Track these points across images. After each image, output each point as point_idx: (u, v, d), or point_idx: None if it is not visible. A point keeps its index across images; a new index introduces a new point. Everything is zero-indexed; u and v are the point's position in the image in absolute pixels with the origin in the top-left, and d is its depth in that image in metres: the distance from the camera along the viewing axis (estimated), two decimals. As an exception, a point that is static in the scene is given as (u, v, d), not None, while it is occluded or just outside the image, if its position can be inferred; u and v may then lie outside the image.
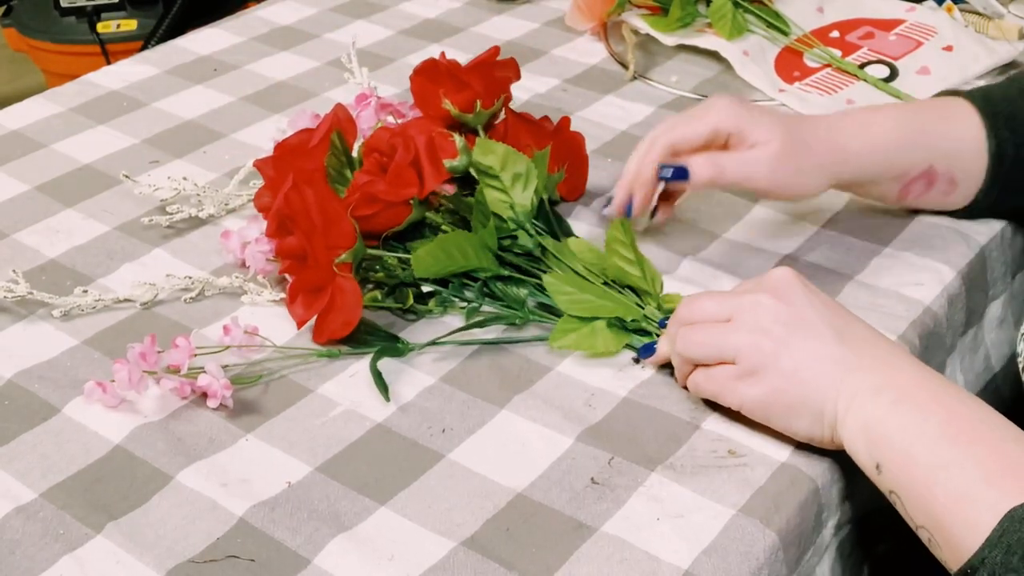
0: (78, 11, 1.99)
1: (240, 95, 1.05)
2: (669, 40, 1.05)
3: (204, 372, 0.68)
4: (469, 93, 0.81)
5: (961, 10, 1.06)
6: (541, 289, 0.73)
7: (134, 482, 0.64)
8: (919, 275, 0.76)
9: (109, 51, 1.97)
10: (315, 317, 0.72)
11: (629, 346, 0.71)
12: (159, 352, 0.69)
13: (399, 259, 0.76)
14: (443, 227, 0.78)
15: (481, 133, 0.80)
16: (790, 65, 1.02)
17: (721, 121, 0.74)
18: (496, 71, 0.83)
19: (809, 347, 0.61)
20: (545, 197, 0.77)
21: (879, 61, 1.00)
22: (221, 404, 0.68)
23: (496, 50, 0.83)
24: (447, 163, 0.77)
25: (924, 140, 0.76)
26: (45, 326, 0.76)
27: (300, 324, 0.73)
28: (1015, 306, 0.83)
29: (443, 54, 0.83)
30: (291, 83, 1.07)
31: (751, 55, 1.02)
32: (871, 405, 0.59)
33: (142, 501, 0.63)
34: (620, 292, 0.72)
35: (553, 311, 0.73)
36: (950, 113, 0.78)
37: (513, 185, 0.76)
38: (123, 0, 2.00)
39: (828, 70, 1.01)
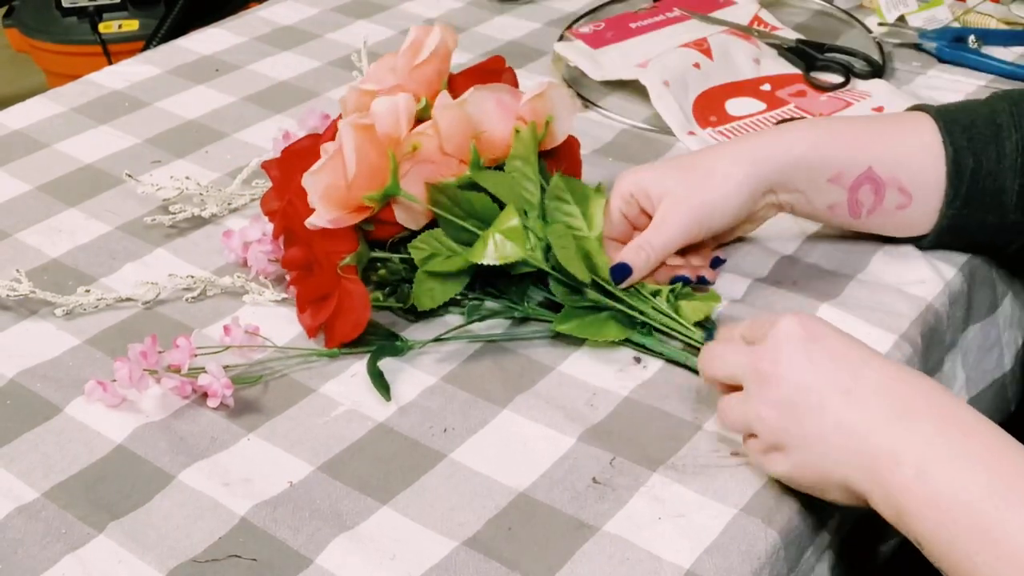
0: (80, 11, 1.99)
1: (242, 95, 1.05)
2: (596, 75, 1.02)
3: (205, 372, 0.68)
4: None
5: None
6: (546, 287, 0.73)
7: (136, 482, 0.64)
8: (921, 273, 0.76)
9: (111, 51, 1.96)
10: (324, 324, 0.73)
11: (629, 342, 0.71)
12: (160, 352, 0.69)
13: (402, 259, 0.75)
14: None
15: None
16: (710, 108, 0.97)
17: (623, 189, 0.74)
18: (497, 78, 0.81)
19: (815, 422, 0.56)
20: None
21: (801, 119, 0.92)
22: (222, 403, 0.68)
23: (500, 60, 0.82)
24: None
25: (857, 141, 0.73)
26: (47, 326, 0.76)
27: (312, 334, 0.73)
28: (1021, 302, 0.83)
29: None
30: (293, 83, 1.07)
31: (671, 85, 0.97)
32: (894, 479, 0.53)
33: (144, 501, 0.63)
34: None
35: (555, 307, 0.73)
36: (898, 120, 0.75)
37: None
38: (125, 0, 2.00)
39: (747, 121, 0.96)
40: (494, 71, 0.81)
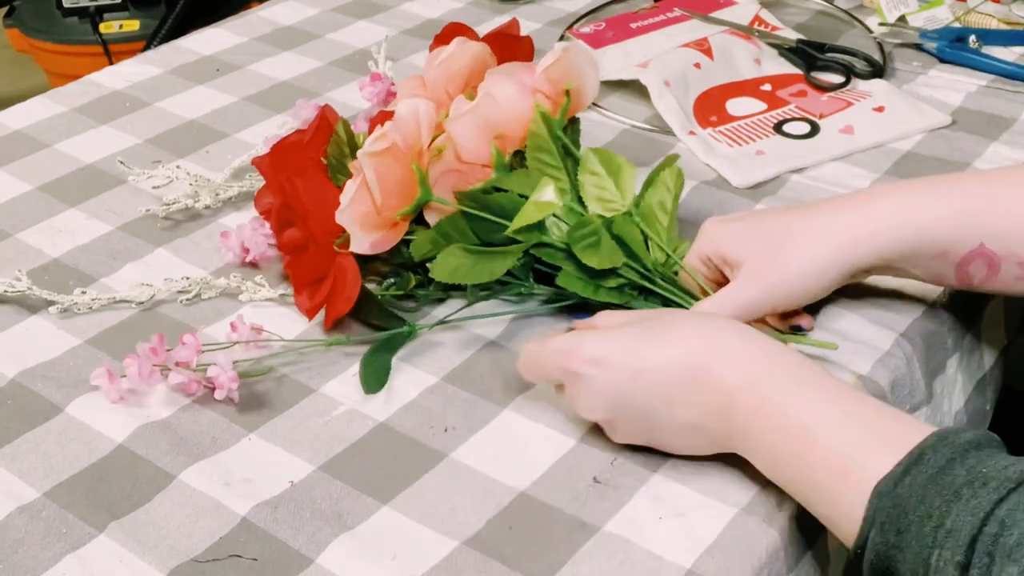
0: (81, 11, 1.99)
1: (242, 95, 1.05)
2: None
3: (213, 365, 0.67)
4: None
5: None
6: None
7: (137, 481, 0.64)
8: (921, 275, 0.76)
9: (112, 51, 1.97)
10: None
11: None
12: (167, 351, 0.69)
13: (402, 241, 0.75)
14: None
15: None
16: (710, 108, 0.97)
17: (702, 250, 0.70)
18: (513, 44, 0.83)
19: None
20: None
21: (802, 119, 0.95)
22: (227, 397, 0.67)
23: (515, 22, 0.84)
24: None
25: (966, 213, 0.63)
26: (48, 325, 0.76)
27: (311, 314, 0.74)
28: (1007, 305, 0.83)
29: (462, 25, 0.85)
30: (293, 83, 1.07)
31: (672, 85, 0.97)
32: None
33: (145, 500, 0.63)
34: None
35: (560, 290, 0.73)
36: (1011, 180, 0.64)
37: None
38: (126, 0, 2.00)
39: (748, 121, 0.95)
40: (510, 37, 0.82)
